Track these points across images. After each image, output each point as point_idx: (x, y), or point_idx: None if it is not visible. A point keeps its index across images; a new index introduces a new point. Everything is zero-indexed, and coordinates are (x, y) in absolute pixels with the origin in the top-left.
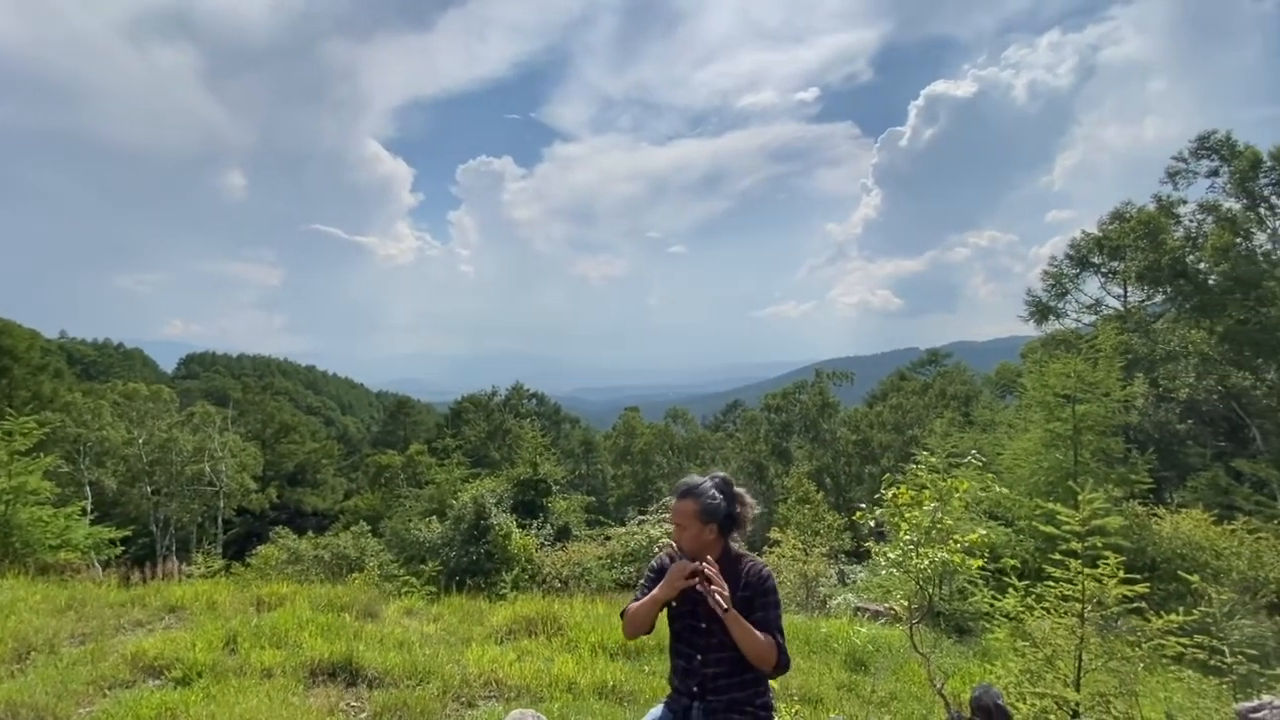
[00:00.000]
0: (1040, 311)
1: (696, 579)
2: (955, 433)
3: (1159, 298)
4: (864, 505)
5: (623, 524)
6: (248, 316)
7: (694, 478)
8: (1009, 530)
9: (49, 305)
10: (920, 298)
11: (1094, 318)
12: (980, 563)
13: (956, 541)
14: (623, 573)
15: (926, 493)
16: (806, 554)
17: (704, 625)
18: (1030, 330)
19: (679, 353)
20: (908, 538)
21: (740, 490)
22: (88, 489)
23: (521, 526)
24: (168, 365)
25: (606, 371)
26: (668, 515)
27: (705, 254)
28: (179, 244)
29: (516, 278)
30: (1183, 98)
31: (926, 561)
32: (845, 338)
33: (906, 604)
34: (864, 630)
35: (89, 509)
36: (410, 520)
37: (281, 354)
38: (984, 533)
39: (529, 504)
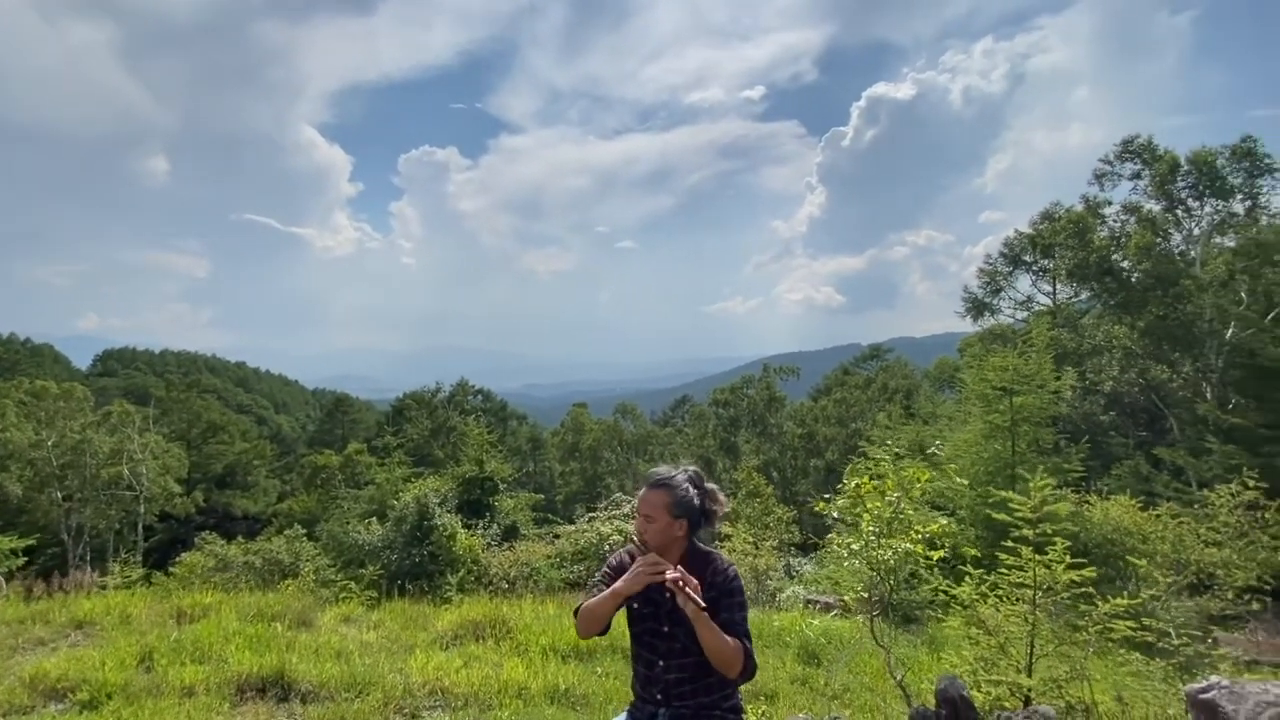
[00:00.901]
0: (976, 308)
1: (665, 575)
2: (898, 426)
3: (1085, 294)
4: (815, 497)
5: (571, 522)
6: (172, 310)
7: (666, 469)
8: (950, 519)
9: None
10: (862, 295)
11: (1026, 314)
12: (941, 553)
13: (918, 532)
14: (572, 571)
15: (889, 482)
16: (757, 548)
17: (666, 629)
18: (967, 326)
19: (628, 348)
20: (871, 528)
21: (712, 486)
22: None
23: (467, 526)
24: (82, 362)
25: (554, 367)
26: (619, 512)
27: (654, 249)
28: (95, 232)
29: (462, 271)
30: (1104, 106)
31: (890, 552)
32: (790, 333)
33: (867, 595)
34: (815, 623)
35: None
36: (349, 522)
37: (209, 350)
38: (946, 522)
39: (475, 503)
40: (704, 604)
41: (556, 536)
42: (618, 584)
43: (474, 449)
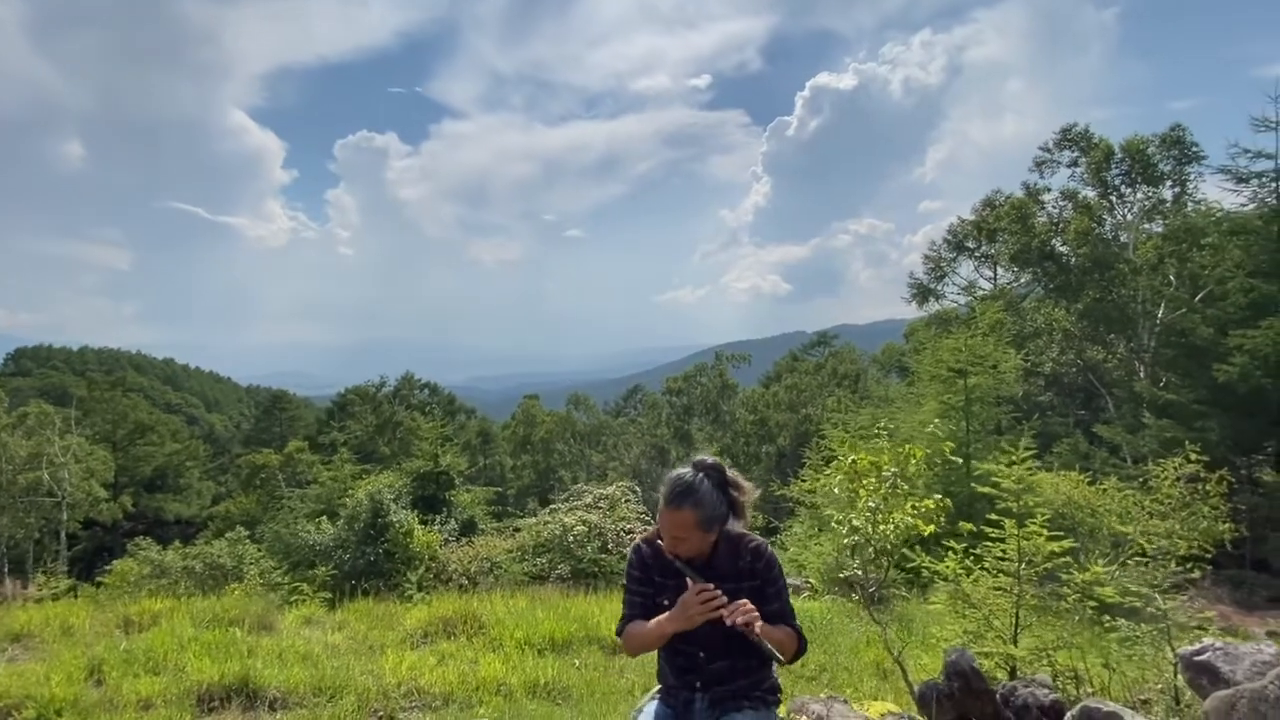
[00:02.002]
0: (921, 293)
1: (721, 611)
2: (851, 410)
3: (1025, 278)
4: (774, 482)
5: (524, 515)
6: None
7: (684, 474)
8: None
9: None
10: (807, 283)
11: (969, 298)
12: (932, 528)
13: (914, 507)
14: (535, 564)
15: (885, 457)
16: None
17: (710, 622)
18: (909, 313)
19: (578, 339)
20: (871, 504)
21: (735, 476)
22: None
23: (424, 523)
24: None
25: (502, 359)
26: (580, 503)
27: (603, 238)
28: (3, 221)
29: (403, 261)
30: (1037, 98)
31: (891, 528)
32: (739, 322)
33: (861, 574)
34: None
35: None
36: (297, 522)
37: (133, 346)
38: (939, 498)
39: (430, 499)
40: (760, 634)
41: (517, 529)
42: (666, 621)
43: (429, 443)
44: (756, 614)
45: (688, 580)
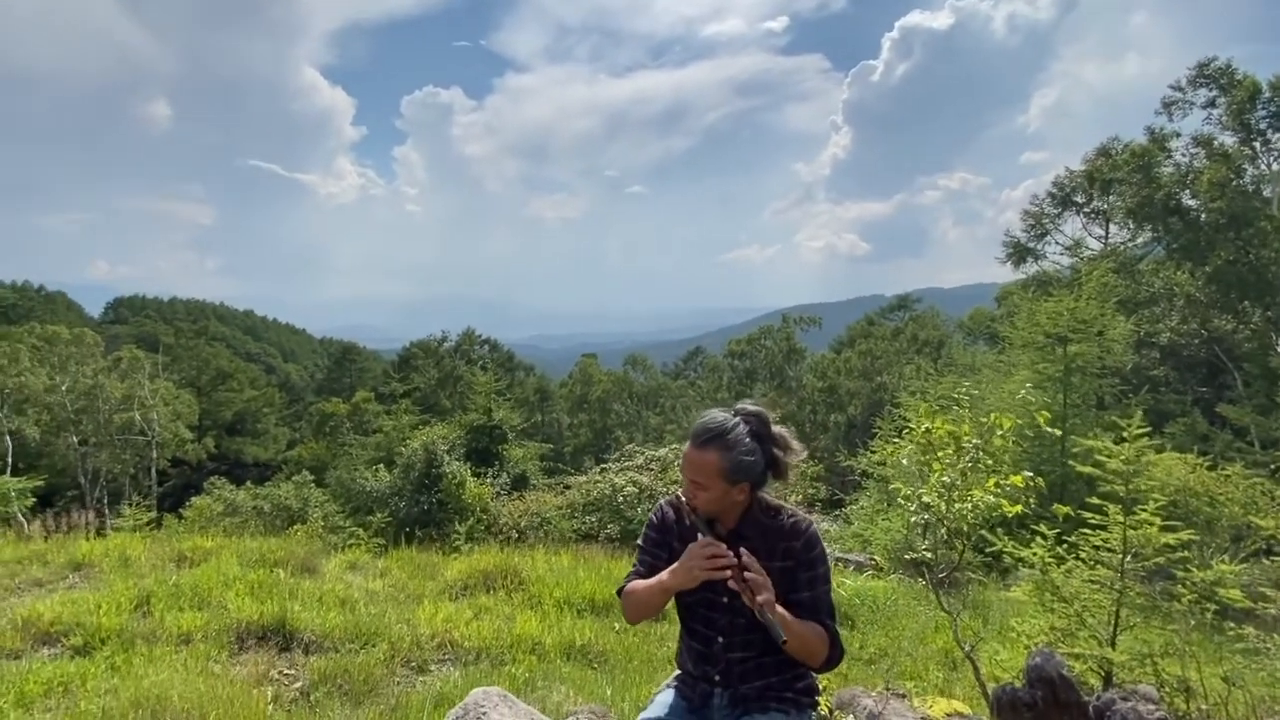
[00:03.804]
0: (1018, 253)
1: (726, 571)
2: (932, 378)
3: (1143, 237)
4: (842, 452)
5: (576, 473)
6: (179, 258)
7: (719, 416)
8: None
9: None
10: (888, 242)
11: (1074, 259)
12: (1018, 509)
13: (998, 485)
14: (584, 523)
15: (965, 427)
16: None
17: (725, 600)
18: (1001, 275)
19: (639, 298)
20: (944, 479)
21: (780, 430)
22: (8, 439)
23: (476, 475)
24: (94, 309)
25: (562, 318)
26: (631, 464)
27: (666, 194)
28: (101, 180)
29: (467, 218)
30: (1166, 33)
31: (969, 507)
32: (810, 283)
33: (932, 556)
34: (849, 583)
35: (10, 459)
36: (356, 469)
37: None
38: (1031, 475)
39: (483, 451)
40: (773, 612)
41: (567, 487)
42: (666, 576)
43: (481, 397)
44: (769, 587)
45: (698, 536)
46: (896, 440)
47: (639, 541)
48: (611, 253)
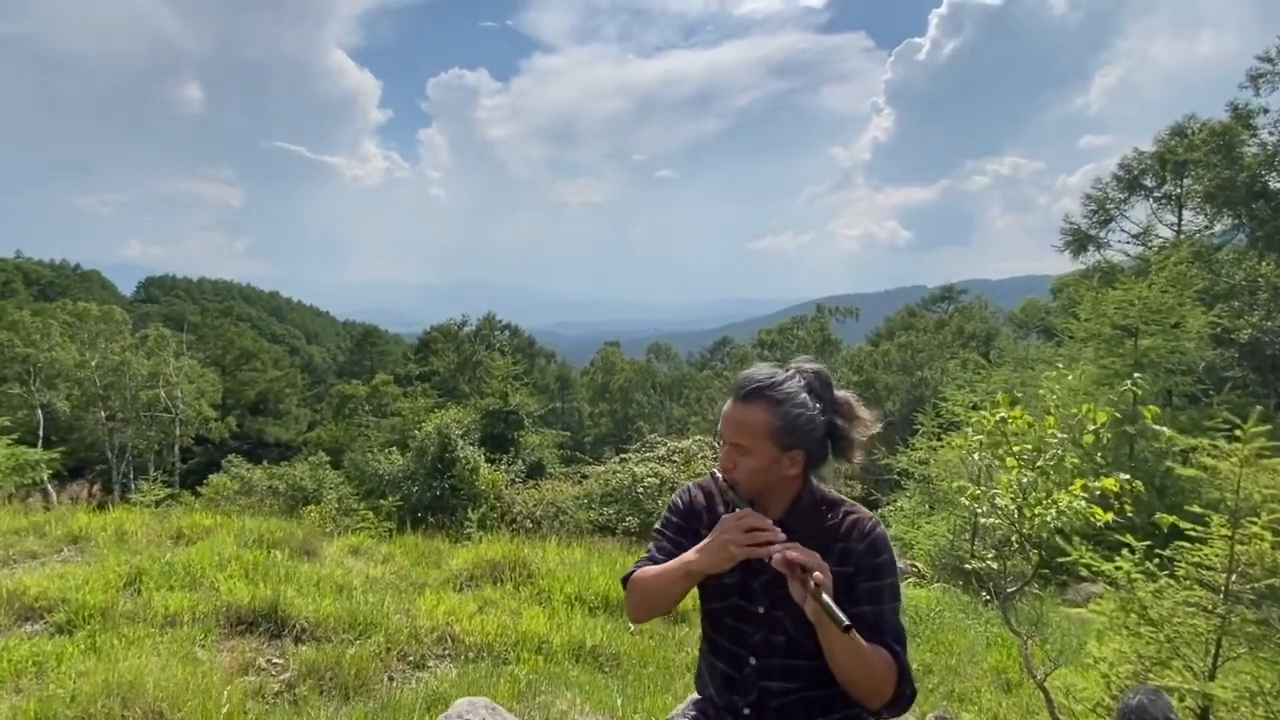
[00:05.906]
0: (1079, 241)
1: (769, 550)
2: (981, 373)
3: (1222, 224)
4: (881, 452)
5: (594, 463)
6: (208, 238)
7: (766, 369)
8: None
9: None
10: (931, 230)
11: (1141, 249)
12: (1110, 516)
13: (1084, 487)
14: (601, 514)
15: (1050, 420)
16: None
17: (761, 610)
18: (1054, 267)
19: (665, 286)
20: (1021, 478)
21: (844, 394)
22: (39, 412)
23: (490, 461)
24: (127, 288)
25: (586, 305)
26: (652, 454)
27: (696, 179)
28: (134, 160)
29: (491, 202)
30: (1246, 6)
31: (1052, 513)
32: (847, 273)
33: (998, 568)
34: None
35: (41, 432)
36: (370, 451)
37: (244, 279)
38: (1125, 477)
39: (499, 437)
40: (847, 619)
41: (584, 477)
42: (691, 555)
43: (498, 381)
44: (825, 568)
45: (734, 509)
46: (943, 437)
47: (657, 525)
48: (638, 239)
